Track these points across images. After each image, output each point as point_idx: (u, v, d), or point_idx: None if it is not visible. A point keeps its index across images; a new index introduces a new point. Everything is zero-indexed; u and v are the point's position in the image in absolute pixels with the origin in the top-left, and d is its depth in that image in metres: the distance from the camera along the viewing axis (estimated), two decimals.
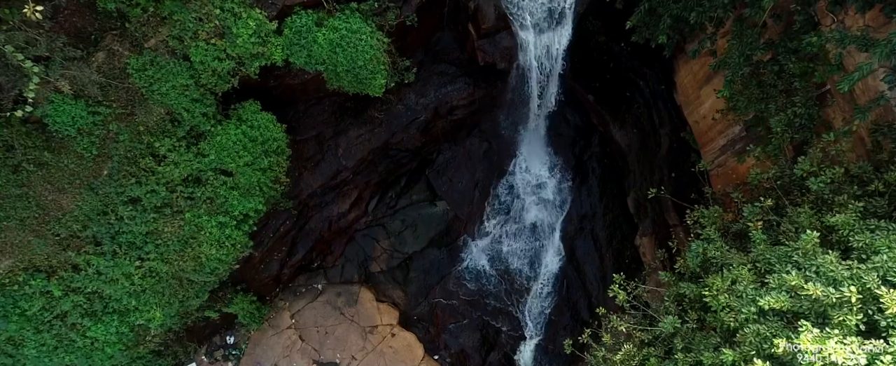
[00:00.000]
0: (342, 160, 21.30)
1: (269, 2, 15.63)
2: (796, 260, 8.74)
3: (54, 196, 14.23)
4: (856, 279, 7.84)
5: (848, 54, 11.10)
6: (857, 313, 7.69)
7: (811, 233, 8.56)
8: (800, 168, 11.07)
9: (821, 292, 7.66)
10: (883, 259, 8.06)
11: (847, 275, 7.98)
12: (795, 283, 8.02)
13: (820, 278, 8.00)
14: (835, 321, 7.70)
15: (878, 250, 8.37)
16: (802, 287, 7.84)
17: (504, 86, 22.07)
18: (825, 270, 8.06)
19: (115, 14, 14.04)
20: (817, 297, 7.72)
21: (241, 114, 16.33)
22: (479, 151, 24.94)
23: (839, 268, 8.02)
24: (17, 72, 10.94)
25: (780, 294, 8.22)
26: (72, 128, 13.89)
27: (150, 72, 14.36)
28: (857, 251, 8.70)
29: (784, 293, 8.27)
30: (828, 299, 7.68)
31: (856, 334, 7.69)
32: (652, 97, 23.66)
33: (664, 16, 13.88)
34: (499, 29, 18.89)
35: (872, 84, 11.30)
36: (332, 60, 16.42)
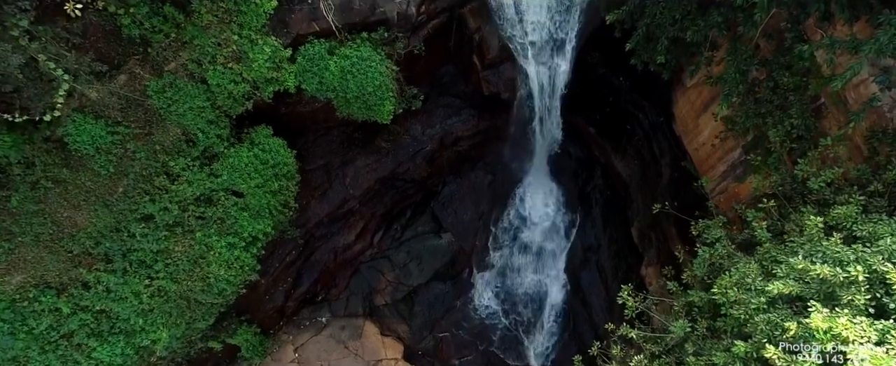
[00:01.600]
0: (349, 189, 21.64)
1: (284, 30, 16.41)
2: (801, 253, 8.92)
3: (69, 213, 14.49)
4: (861, 261, 8.02)
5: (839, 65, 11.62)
6: (865, 293, 7.83)
7: (815, 218, 8.80)
8: (800, 169, 11.39)
9: (828, 271, 7.83)
10: (887, 243, 8.27)
11: (853, 258, 8.17)
12: (802, 266, 8.20)
13: (826, 260, 8.18)
14: (844, 301, 7.83)
15: (881, 236, 8.58)
16: (809, 268, 8.01)
17: (507, 117, 22.71)
18: (831, 253, 8.25)
19: (138, 40, 14.74)
20: (825, 277, 7.88)
21: (253, 137, 16.82)
22: (483, 183, 25.32)
23: (845, 251, 8.21)
24: (46, 85, 11.45)
25: (788, 280, 8.37)
26: (91, 147, 14.32)
27: (169, 93, 14.93)
28: (860, 240, 8.90)
29: (792, 279, 8.42)
30: (835, 278, 7.83)
31: (865, 314, 7.80)
32: (651, 129, 24.23)
33: (661, 37, 14.54)
34: (502, 60, 19.67)
35: (864, 92, 11.79)
36: (342, 87, 17.05)
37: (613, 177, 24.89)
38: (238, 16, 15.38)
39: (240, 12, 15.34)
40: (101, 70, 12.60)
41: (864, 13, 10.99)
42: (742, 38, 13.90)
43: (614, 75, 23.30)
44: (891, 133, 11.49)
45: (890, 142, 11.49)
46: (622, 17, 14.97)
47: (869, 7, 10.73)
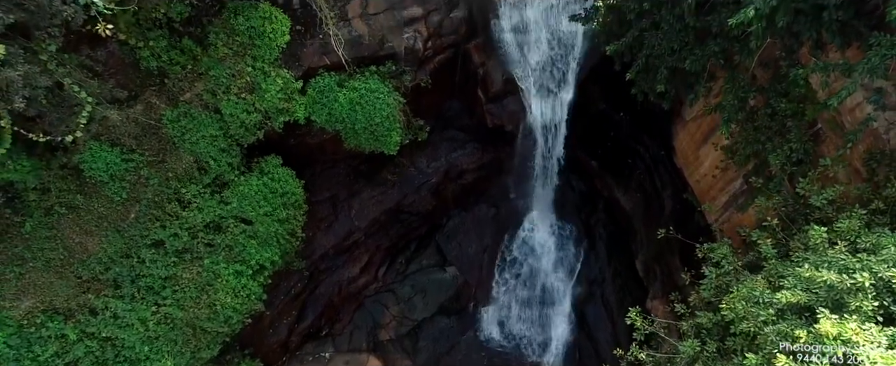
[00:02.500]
0: (355, 221, 21.84)
1: (295, 63, 17.04)
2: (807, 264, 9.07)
3: (81, 238, 14.66)
4: (867, 269, 8.17)
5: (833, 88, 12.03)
6: (873, 299, 7.95)
7: (819, 229, 8.99)
8: (801, 188, 11.64)
9: (835, 277, 7.97)
10: (891, 251, 8.44)
11: (859, 266, 8.32)
12: (809, 274, 8.34)
13: (832, 268, 8.33)
14: (851, 307, 7.94)
15: (884, 247, 8.75)
16: (816, 275, 8.15)
17: (511, 150, 23.14)
18: (836, 261, 8.41)
19: (155, 72, 15.29)
20: (832, 283, 8.01)
21: (263, 166, 17.18)
22: (487, 216, 25.53)
23: (850, 259, 8.38)
24: (68, 110, 11.86)
25: (795, 290, 8.49)
26: (105, 173, 14.64)
27: (183, 122, 15.37)
28: (864, 251, 9.06)
29: (799, 289, 8.54)
30: (842, 285, 7.97)
31: (873, 321, 7.90)
32: (653, 162, 24.59)
33: (661, 67, 15.05)
34: (506, 93, 20.25)
35: (860, 115, 12.17)
36: (351, 118, 17.53)
37: (617, 210, 25.10)
38: (252, 49, 16.01)
39: (254, 46, 15.99)
40: (120, 96, 13.05)
41: (856, 40, 11.49)
42: (739, 67, 14.42)
43: (615, 110, 23.84)
44: (888, 154, 11.80)
45: (888, 163, 11.78)
46: (621, 49, 15.51)
47: (859, 34, 11.23)
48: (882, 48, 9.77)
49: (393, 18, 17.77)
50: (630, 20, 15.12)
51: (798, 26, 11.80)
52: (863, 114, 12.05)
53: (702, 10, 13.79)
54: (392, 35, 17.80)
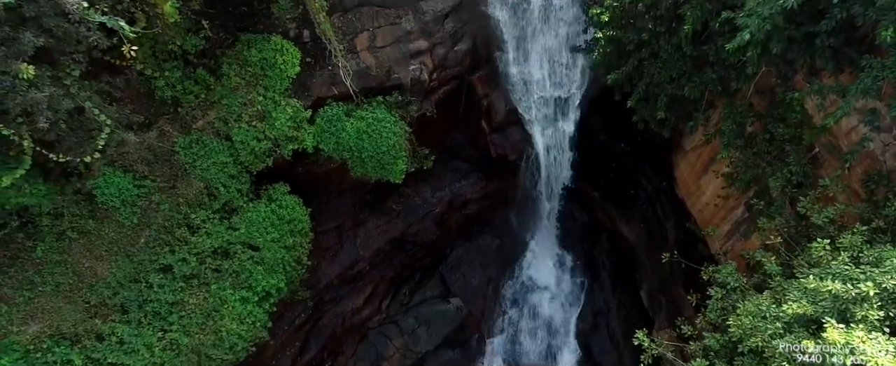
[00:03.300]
0: (360, 250, 21.95)
1: (305, 93, 17.53)
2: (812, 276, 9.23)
3: (91, 263, 14.79)
4: (871, 279, 8.34)
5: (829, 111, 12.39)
6: (878, 309, 8.08)
7: (822, 241, 9.17)
8: (802, 207, 11.86)
9: (840, 287, 8.12)
10: (894, 263, 8.61)
11: (863, 277, 8.48)
12: (814, 285, 8.49)
13: (836, 278, 8.49)
14: (857, 317, 8.06)
15: (886, 259, 8.93)
16: (821, 286, 8.31)
17: (514, 181, 23.46)
18: (840, 271, 8.57)
19: (169, 101, 15.74)
20: (837, 292, 8.16)
21: (271, 194, 17.44)
22: (491, 247, 25.61)
23: (853, 269, 8.54)
24: (85, 134, 12.21)
25: (802, 302, 8.63)
26: (118, 199, 14.88)
27: (195, 149, 15.73)
28: (867, 264, 9.23)
29: (805, 301, 8.67)
30: (847, 294, 8.11)
31: (880, 331, 8.01)
32: (654, 193, 24.84)
33: (660, 95, 15.51)
34: (509, 123, 20.72)
35: (856, 138, 12.49)
36: (358, 147, 17.90)
37: (620, 240, 25.21)
38: (264, 79, 16.53)
39: (265, 76, 16.50)
40: (137, 121, 13.45)
41: (848, 65, 11.93)
42: (736, 95, 14.87)
43: (616, 141, 24.27)
44: (886, 175, 12.07)
45: (886, 183, 12.04)
46: (621, 79, 16.03)
47: (851, 60, 11.68)
48: (874, 70, 10.19)
49: (399, 51, 18.38)
50: (629, 50, 15.71)
51: (792, 53, 12.27)
52: (859, 136, 12.38)
53: (699, 40, 14.35)
54: (398, 67, 18.37)
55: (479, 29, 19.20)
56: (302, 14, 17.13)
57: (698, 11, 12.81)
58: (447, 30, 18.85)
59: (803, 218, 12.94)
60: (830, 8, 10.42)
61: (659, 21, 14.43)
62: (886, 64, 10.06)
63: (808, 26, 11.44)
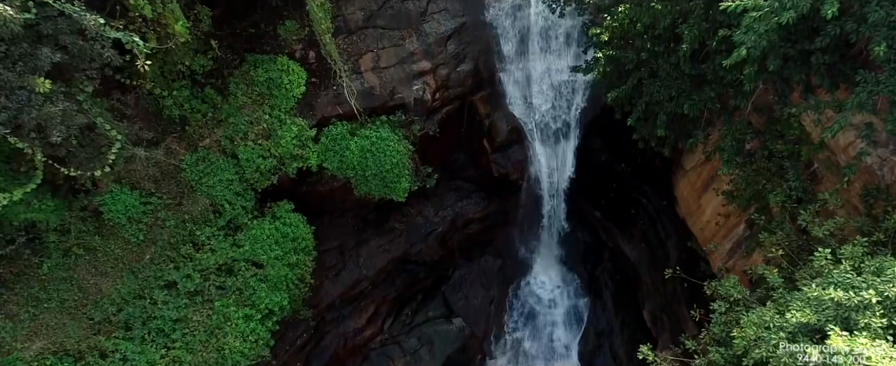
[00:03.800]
0: (362, 269, 21.97)
1: (310, 112, 17.82)
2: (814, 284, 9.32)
3: (96, 279, 14.85)
4: (873, 287, 8.43)
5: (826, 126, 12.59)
6: (881, 317, 8.16)
7: (823, 250, 9.28)
8: (802, 220, 11.98)
9: (842, 294, 8.21)
10: (894, 270, 8.71)
11: (864, 285, 8.58)
12: (817, 294, 8.58)
13: (839, 286, 8.57)
14: (861, 325, 8.13)
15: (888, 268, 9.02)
16: (823, 294, 8.39)
17: (516, 200, 23.60)
18: (842, 280, 8.66)
19: (177, 119, 16.00)
20: (839, 300, 8.24)
21: (275, 211, 17.59)
22: (493, 267, 25.62)
23: (855, 277, 8.64)
24: (95, 151, 12.42)
25: (805, 310, 8.70)
26: (124, 216, 15.03)
27: (202, 167, 15.94)
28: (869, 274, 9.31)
29: (808, 309, 8.75)
30: (850, 301, 8.20)
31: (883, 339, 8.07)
32: (655, 212, 24.97)
33: (660, 113, 15.76)
34: (511, 142, 20.96)
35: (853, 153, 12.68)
36: (361, 165, 18.12)
37: (622, 260, 25.23)
38: (270, 99, 16.84)
39: (272, 96, 16.82)
40: (146, 137, 13.69)
41: (843, 82, 12.20)
42: (735, 112, 15.12)
43: (616, 161, 24.50)
44: (884, 190, 12.24)
45: (884, 197, 12.20)
46: (621, 97, 16.29)
47: (845, 76, 11.95)
48: (868, 84, 10.43)
49: (403, 71, 18.75)
50: (629, 70, 16.00)
51: (788, 71, 12.54)
52: (856, 151, 12.56)
53: (697, 59, 14.66)
54: (402, 87, 18.70)
55: (480, 50, 19.60)
56: (308, 36, 17.55)
57: (696, 30, 13.12)
58: (450, 51, 19.24)
59: (804, 232, 13.05)
60: (824, 25, 10.71)
61: (657, 40, 14.74)
62: (880, 79, 10.30)
63: (804, 44, 11.72)
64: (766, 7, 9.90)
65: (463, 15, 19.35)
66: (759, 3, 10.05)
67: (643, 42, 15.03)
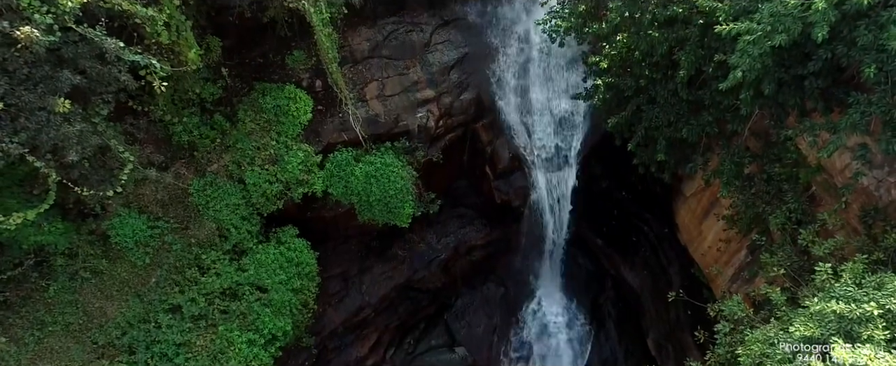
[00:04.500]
0: (365, 296, 21.96)
1: (316, 139, 18.15)
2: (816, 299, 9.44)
3: (102, 303, 14.89)
4: (874, 300, 8.56)
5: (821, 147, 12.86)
6: (883, 329, 8.26)
7: (824, 265, 9.43)
8: (803, 239, 12.15)
9: (844, 307, 8.34)
10: (895, 284, 8.85)
11: (866, 298, 8.71)
12: (819, 307, 8.70)
13: (841, 299, 8.70)
14: (863, 337, 8.23)
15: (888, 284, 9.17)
16: (826, 307, 8.52)
17: (518, 227, 23.75)
18: (843, 293, 8.79)
19: (186, 145, 16.33)
20: (842, 313, 8.36)
21: (280, 236, 17.75)
22: (495, 295, 25.58)
23: (857, 291, 8.77)
24: (107, 173, 12.68)
25: (808, 323, 8.81)
26: (131, 239, 15.18)
27: (209, 191, 16.18)
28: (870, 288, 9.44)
29: (811, 323, 8.85)
30: (852, 313, 8.32)
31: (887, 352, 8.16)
32: (657, 240, 25.09)
33: (660, 138, 16.10)
34: (513, 169, 21.27)
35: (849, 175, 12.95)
36: (366, 191, 18.36)
37: (624, 288, 25.21)
38: (277, 125, 17.21)
39: (279, 122, 17.19)
40: (156, 161, 13.98)
41: (837, 106, 12.55)
42: (733, 137, 15.46)
43: (617, 188, 24.75)
44: (882, 210, 12.45)
45: (882, 218, 12.40)
46: (621, 123, 16.66)
47: (839, 100, 12.30)
48: (860, 105, 10.78)
49: (407, 99, 19.19)
50: (628, 96, 16.43)
51: (783, 96, 12.91)
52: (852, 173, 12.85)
53: (694, 85, 15.08)
54: (406, 114, 19.11)
55: (482, 79, 20.10)
56: (315, 65, 18.05)
57: (692, 57, 13.56)
58: (453, 80, 19.73)
59: (805, 253, 13.20)
60: (816, 50, 11.11)
61: (655, 68, 15.20)
62: (872, 99, 10.64)
63: (797, 69, 12.10)
64: (758, 31, 10.31)
65: (465, 46, 19.94)
66: (751, 27, 10.47)
67: (641, 69, 15.49)
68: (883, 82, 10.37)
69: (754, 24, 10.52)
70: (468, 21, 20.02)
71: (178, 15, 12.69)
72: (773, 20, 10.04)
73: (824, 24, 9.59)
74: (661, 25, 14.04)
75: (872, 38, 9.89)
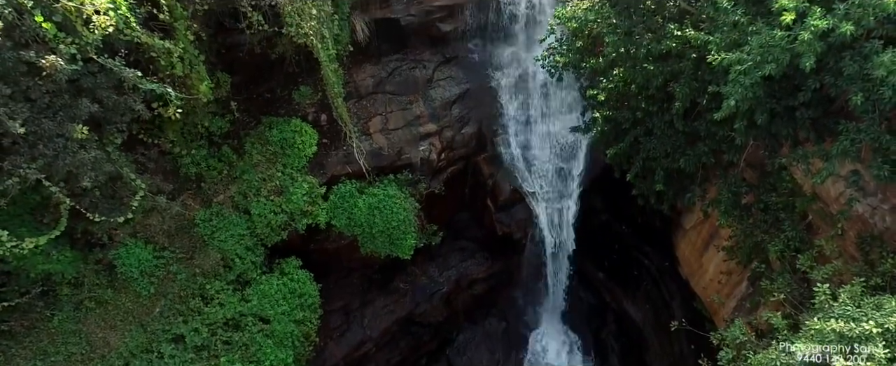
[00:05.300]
0: (367, 330, 21.86)
1: (321, 171, 18.51)
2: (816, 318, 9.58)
3: (105, 333, 14.88)
4: (872, 319, 8.71)
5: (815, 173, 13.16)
6: (883, 347, 8.38)
7: (822, 286, 9.59)
8: (801, 263, 12.32)
9: (843, 325, 8.48)
10: (892, 304, 9.01)
11: (865, 319, 8.86)
12: (819, 326, 8.84)
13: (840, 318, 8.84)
14: (864, 355, 8.34)
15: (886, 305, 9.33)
16: (826, 325, 8.66)
17: (519, 260, 23.84)
18: (842, 312, 8.94)
19: (194, 177, 16.65)
20: (842, 331, 8.50)
21: (283, 267, 17.86)
22: (497, 330, 25.42)
23: (855, 310, 8.92)
24: (117, 202, 12.96)
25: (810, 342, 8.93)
26: (137, 269, 15.30)
27: (215, 222, 16.40)
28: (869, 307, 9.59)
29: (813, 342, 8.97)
30: (851, 332, 8.45)
31: None
32: (658, 273, 25.13)
33: (658, 169, 16.44)
34: (514, 201, 21.55)
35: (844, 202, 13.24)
36: (369, 222, 18.58)
37: (627, 322, 25.10)
38: (283, 157, 17.58)
39: (285, 154, 17.57)
40: (166, 190, 14.26)
41: (828, 136, 12.95)
42: (730, 167, 15.81)
43: (617, 221, 24.98)
44: (877, 236, 12.67)
45: (879, 244, 12.61)
46: (620, 154, 17.04)
47: (829, 129, 12.70)
48: (850, 133, 11.15)
49: (410, 133, 19.66)
50: (626, 128, 16.88)
51: (776, 127, 13.33)
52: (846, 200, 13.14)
53: (689, 116, 15.54)
54: (409, 147, 19.54)
55: (483, 114, 20.63)
56: (320, 100, 18.56)
57: (687, 89, 14.04)
58: (454, 115, 20.25)
59: (805, 280, 13.34)
60: (805, 81, 11.57)
61: (651, 100, 15.68)
62: (861, 127, 11.02)
63: (788, 100, 12.56)
64: (748, 61, 10.78)
65: (467, 82, 20.55)
66: (742, 58, 10.94)
67: (638, 102, 15.98)
68: (870, 111, 10.76)
69: (744, 54, 10.99)
70: (469, 58, 20.71)
71: (192, 49, 13.22)
72: (762, 51, 10.51)
73: (811, 54, 10.04)
74: (655, 59, 14.58)
75: (857, 67, 10.34)
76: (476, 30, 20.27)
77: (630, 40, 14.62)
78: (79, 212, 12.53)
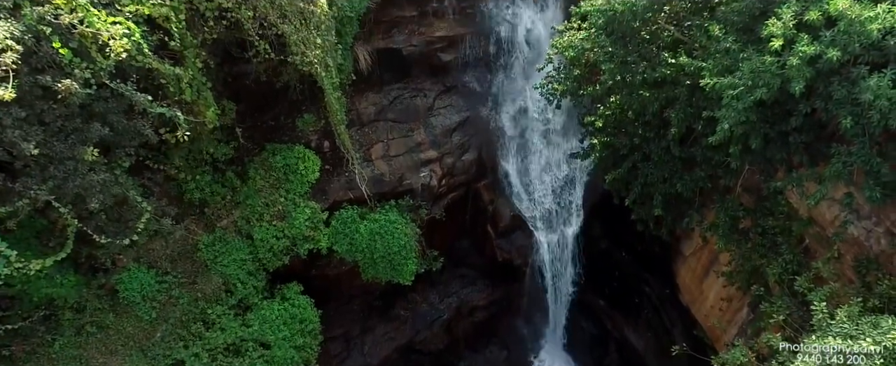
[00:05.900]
0: (367, 358, 21.73)
1: (323, 197, 18.72)
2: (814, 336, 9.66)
3: (105, 359, 14.84)
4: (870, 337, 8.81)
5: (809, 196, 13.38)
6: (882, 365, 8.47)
7: (820, 304, 9.69)
8: (799, 285, 12.42)
9: (841, 342, 8.58)
10: (889, 324, 9.12)
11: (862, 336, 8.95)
12: (817, 345, 8.92)
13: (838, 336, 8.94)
14: None
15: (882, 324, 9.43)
16: (823, 343, 8.75)
17: (520, 288, 23.83)
18: (841, 331, 9.04)
19: (197, 202, 16.85)
20: (840, 348, 8.58)
21: (284, 292, 17.92)
22: (498, 358, 25.21)
23: (853, 328, 9.02)
24: (122, 226, 13.12)
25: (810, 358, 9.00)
26: (139, 294, 15.36)
27: (218, 246, 16.53)
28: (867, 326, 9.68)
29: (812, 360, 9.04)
30: (850, 349, 8.54)
31: None
32: (659, 301, 25.07)
33: (656, 194, 16.67)
34: (514, 228, 21.69)
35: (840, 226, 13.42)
36: (370, 248, 18.70)
37: (628, 350, 24.92)
38: (286, 183, 17.81)
39: (288, 180, 17.81)
40: (170, 213, 14.43)
41: (821, 159, 13.22)
42: (727, 192, 16.04)
43: (616, 249, 25.06)
44: (874, 259, 12.82)
45: (875, 267, 12.75)
46: (618, 179, 17.29)
47: (822, 154, 12.98)
48: (842, 156, 11.42)
49: (411, 160, 19.95)
50: (623, 154, 17.18)
51: (770, 152, 13.62)
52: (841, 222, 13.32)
53: (685, 142, 15.85)
54: (410, 174, 19.81)
55: (483, 141, 20.98)
56: (324, 127, 18.91)
57: (682, 114, 14.38)
58: (455, 142, 20.59)
59: (804, 303, 13.41)
60: (796, 105, 11.90)
61: (647, 126, 16.02)
62: (852, 151, 11.30)
63: (781, 125, 12.88)
64: (741, 85, 11.12)
65: (467, 110, 20.97)
66: (734, 82, 11.29)
67: (635, 128, 16.31)
68: (860, 134, 11.06)
69: (736, 79, 11.34)
70: (470, 87, 21.18)
71: (200, 76, 13.60)
72: (753, 76, 10.87)
73: (800, 78, 10.39)
74: (651, 86, 14.97)
75: (846, 92, 10.68)
76: (476, 60, 20.80)
77: (626, 68, 15.04)
78: (84, 237, 12.70)
